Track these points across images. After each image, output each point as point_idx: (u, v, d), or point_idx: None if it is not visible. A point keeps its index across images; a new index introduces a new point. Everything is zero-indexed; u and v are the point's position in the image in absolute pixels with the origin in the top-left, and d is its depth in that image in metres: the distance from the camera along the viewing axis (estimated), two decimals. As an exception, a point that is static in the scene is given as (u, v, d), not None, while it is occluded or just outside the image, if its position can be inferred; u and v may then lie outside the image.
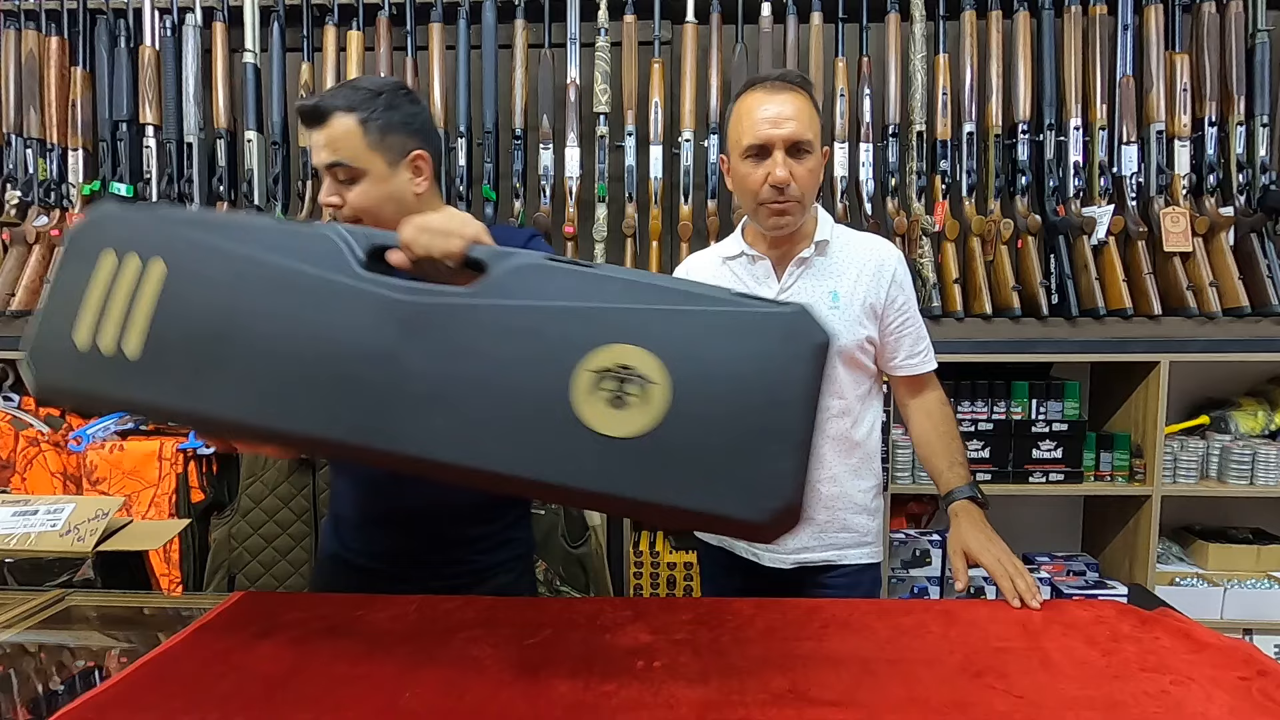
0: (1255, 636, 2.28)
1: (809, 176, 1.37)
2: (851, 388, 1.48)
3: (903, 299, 1.47)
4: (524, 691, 0.98)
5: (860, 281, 1.44)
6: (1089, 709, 0.94)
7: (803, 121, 1.35)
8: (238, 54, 2.41)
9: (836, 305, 1.43)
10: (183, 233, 1.01)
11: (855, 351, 1.45)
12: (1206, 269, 2.24)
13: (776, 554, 1.51)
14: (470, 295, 0.93)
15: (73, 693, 1.00)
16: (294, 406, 0.95)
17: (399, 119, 1.30)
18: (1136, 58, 2.31)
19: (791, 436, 0.89)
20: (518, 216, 2.34)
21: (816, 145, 1.38)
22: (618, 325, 0.89)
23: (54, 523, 1.39)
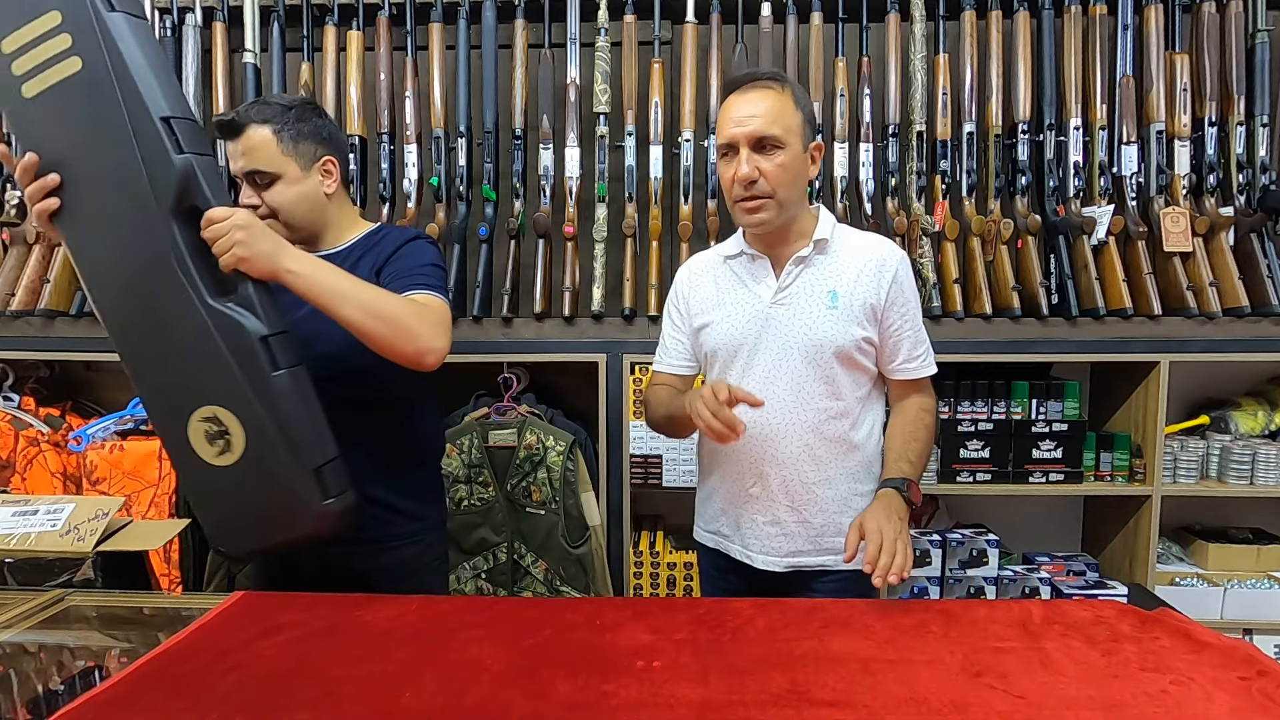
0: (1255, 636, 2.28)
1: (778, 172, 1.36)
2: (850, 389, 1.46)
3: (903, 300, 1.45)
4: (524, 691, 0.98)
5: (860, 281, 1.43)
6: (1089, 709, 0.94)
7: (768, 117, 1.35)
8: (238, 54, 2.41)
9: (835, 305, 1.43)
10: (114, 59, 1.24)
11: (853, 352, 1.44)
12: (1206, 269, 2.24)
13: (770, 556, 1.51)
14: (208, 296, 1.27)
15: (73, 693, 1.00)
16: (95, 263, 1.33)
17: (309, 130, 1.51)
18: (1136, 58, 2.31)
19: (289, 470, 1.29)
20: (518, 216, 2.34)
21: (792, 140, 1.37)
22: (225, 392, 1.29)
23: (54, 523, 1.40)
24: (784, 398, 1.44)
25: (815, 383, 1.43)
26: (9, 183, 2.41)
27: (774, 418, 1.44)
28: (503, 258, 2.34)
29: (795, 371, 1.43)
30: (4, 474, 2.21)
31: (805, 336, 1.43)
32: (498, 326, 2.28)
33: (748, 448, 1.45)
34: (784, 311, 1.44)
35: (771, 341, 1.44)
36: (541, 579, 2.16)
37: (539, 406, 2.27)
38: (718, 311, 1.50)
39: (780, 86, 1.38)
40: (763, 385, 1.44)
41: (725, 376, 1.48)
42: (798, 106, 1.39)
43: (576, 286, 2.28)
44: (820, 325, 1.42)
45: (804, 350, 1.43)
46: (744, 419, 1.36)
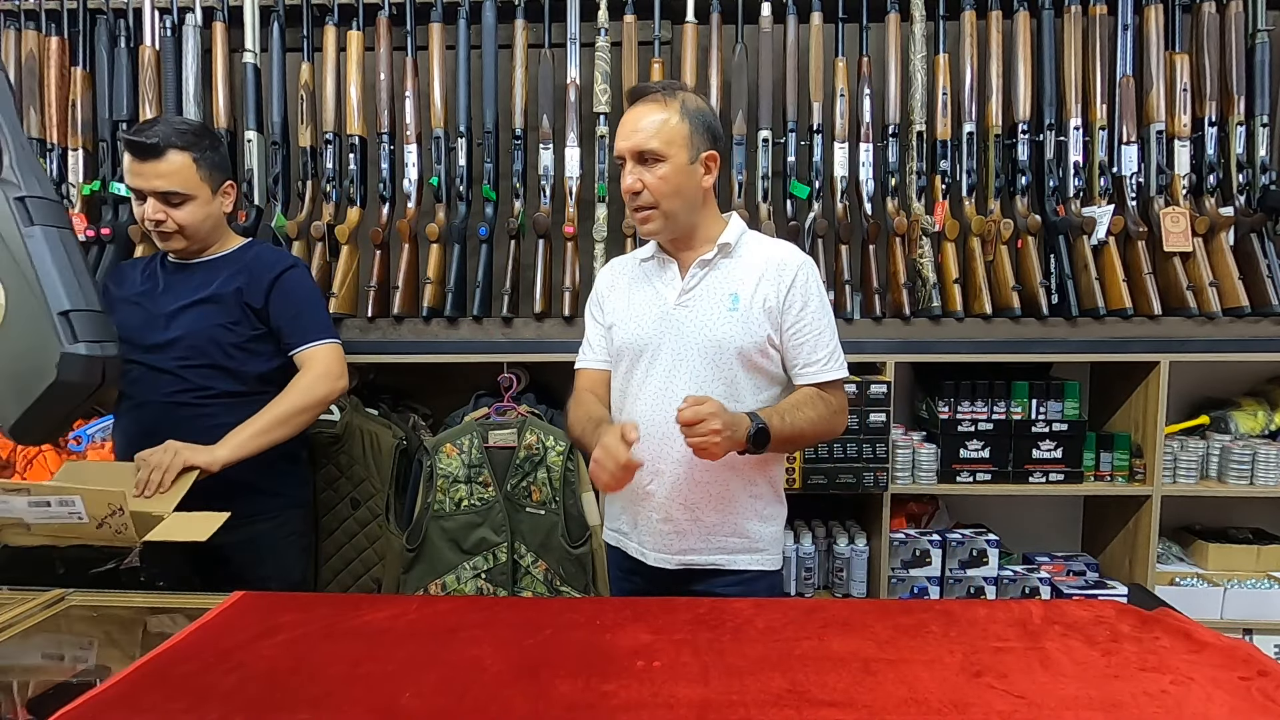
0: (1255, 636, 2.28)
1: (659, 183, 1.41)
2: (751, 391, 1.48)
3: (801, 303, 1.47)
4: (524, 691, 0.98)
5: (761, 284, 1.46)
6: (1089, 709, 0.94)
7: (648, 131, 1.40)
8: (238, 54, 2.40)
9: (735, 308, 1.46)
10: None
11: (754, 354, 1.46)
12: (1206, 269, 2.24)
13: (661, 554, 1.52)
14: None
15: (73, 693, 1.00)
16: None
17: (218, 158, 1.74)
18: (1136, 58, 2.31)
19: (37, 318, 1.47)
20: (517, 216, 2.34)
21: (674, 151, 1.41)
22: None
23: (75, 514, 1.42)
24: (678, 394, 1.42)
25: (715, 384, 1.45)
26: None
27: (672, 417, 1.39)
28: (503, 258, 2.34)
29: (695, 372, 1.46)
30: (4, 473, 2.21)
31: (706, 337, 1.46)
32: (498, 326, 2.27)
33: (647, 446, 1.44)
34: (686, 313, 1.48)
35: (673, 342, 1.47)
36: (541, 579, 2.16)
37: (539, 406, 2.27)
38: (626, 312, 1.55)
39: (666, 99, 1.42)
40: (663, 384, 1.48)
41: (630, 375, 1.53)
42: (684, 118, 1.42)
43: (576, 286, 2.28)
44: (721, 327, 1.45)
45: (704, 351, 1.46)
46: (643, 417, 1.45)
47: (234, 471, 1.60)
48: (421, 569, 2.16)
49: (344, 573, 2.24)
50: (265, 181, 2.38)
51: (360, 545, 2.24)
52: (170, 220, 1.68)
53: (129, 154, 1.66)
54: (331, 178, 2.35)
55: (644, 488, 1.50)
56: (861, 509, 2.45)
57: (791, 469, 2.23)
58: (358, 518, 2.23)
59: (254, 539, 1.70)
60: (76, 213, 2.38)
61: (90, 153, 2.42)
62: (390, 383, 2.54)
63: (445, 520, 2.15)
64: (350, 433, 2.20)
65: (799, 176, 2.33)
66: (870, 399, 2.22)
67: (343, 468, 2.21)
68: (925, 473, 2.31)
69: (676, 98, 1.43)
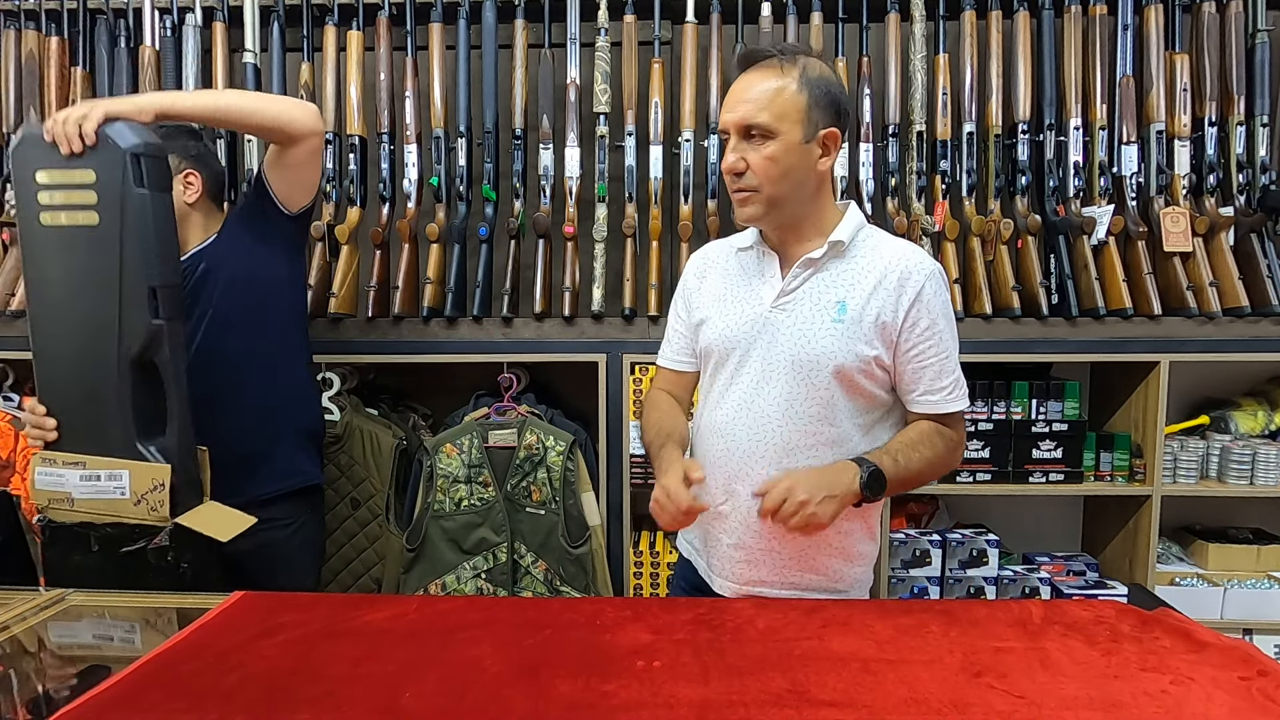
0: (1255, 636, 2.28)
1: (766, 164, 1.23)
2: (849, 415, 1.31)
3: (927, 322, 1.28)
4: (524, 691, 0.98)
5: (877, 294, 1.28)
6: (1089, 709, 0.94)
7: (758, 103, 1.22)
8: (238, 54, 2.40)
9: (841, 319, 1.27)
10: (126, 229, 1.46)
11: (855, 374, 1.28)
12: (1206, 269, 2.24)
13: (727, 581, 1.40)
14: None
15: (73, 693, 1.00)
16: None
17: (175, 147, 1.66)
18: (1136, 58, 2.30)
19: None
20: (518, 216, 2.34)
21: (786, 127, 1.22)
22: None
23: (120, 489, 1.49)
24: (769, 413, 1.30)
25: (806, 402, 1.29)
26: (8, 182, 2.41)
27: (754, 433, 1.31)
28: (503, 258, 2.34)
29: (785, 386, 1.29)
30: (4, 474, 2.21)
31: (801, 349, 1.28)
32: (498, 326, 2.27)
33: (724, 461, 1.34)
34: (783, 318, 1.31)
35: (764, 350, 1.31)
36: (541, 579, 2.16)
37: (539, 406, 2.27)
38: (717, 308, 1.38)
39: (783, 65, 1.23)
40: (748, 395, 1.32)
41: (715, 379, 1.38)
42: (802, 87, 1.22)
43: (576, 286, 2.28)
44: (820, 339, 1.28)
45: (797, 364, 1.29)
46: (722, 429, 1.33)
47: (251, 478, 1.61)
48: (421, 569, 2.16)
49: (344, 573, 2.25)
50: (265, 181, 2.38)
51: (360, 545, 2.24)
52: None
53: None
54: (331, 178, 2.35)
55: (717, 507, 1.35)
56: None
57: (791, 469, 2.22)
58: (358, 518, 2.23)
59: (267, 546, 1.69)
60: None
61: (90, 153, 2.42)
62: (390, 383, 2.54)
63: (445, 520, 2.15)
64: (350, 433, 2.20)
65: (799, 176, 2.33)
66: (870, 399, 2.21)
67: (343, 468, 2.21)
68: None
69: (796, 64, 1.23)
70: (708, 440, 1.38)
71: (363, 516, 2.23)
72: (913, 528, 2.42)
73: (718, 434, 1.35)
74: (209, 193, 1.75)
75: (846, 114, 1.29)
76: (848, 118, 1.30)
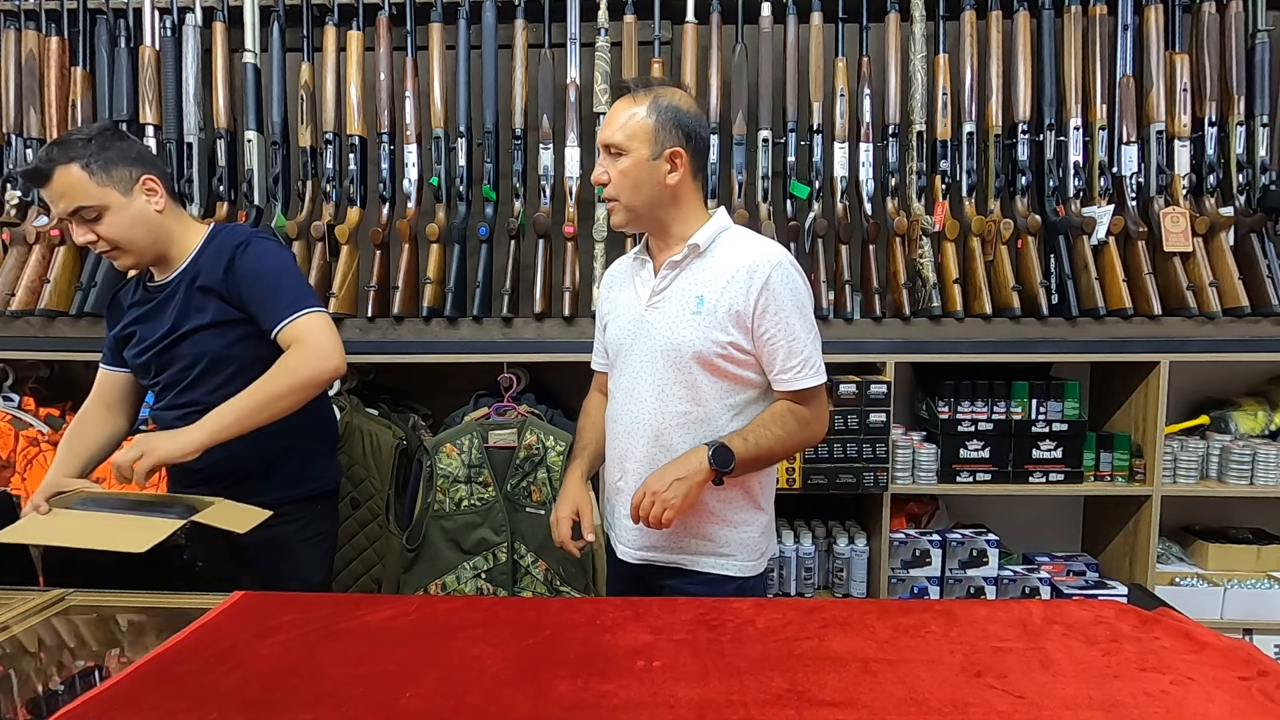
0: (1255, 636, 2.28)
1: (620, 177, 1.44)
2: (715, 395, 1.45)
3: (775, 308, 1.41)
4: (524, 691, 0.98)
5: (729, 287, 1.42)
6: (1089, 709, 0.94)
7: (614, 125, 1.43)
8: (238, 54, 2.40)
9: (699, 311, 1.43)
10: None
11: (715, 359, 1.42)
12: (1206, 269, 2.24)
13: (626, 548, 1.56)
14: None
15: (73, 693, 1.00)
16: None
17: (116, 155, 1.54)
18: (1136, 58, 2.30)
19: None
20: (518, 216, 2.34)
21: (635, 146, 1.42)
22: None
23: None
24: (644, 398, 1.47)
25: (676, 386, 1.45)
26: (9, 182, 2.41)
27: (634, 417, 1.49)
28: (503, 258, 2.34)
29: (659, 374, 1.46)
30: (4, 474, 2.21)
31: (667, 340, 1.44)
32: (498, 326, 2.27)
33: (616, 443, 1.53)
34: (655, 315, 1.47)
35: (643, 344, 1.48)
36: (541, 579, 2.16)
37: (539, 406, 2.27)
38: (614, 311, 1.58)
39: (636, 94, 1.43)
40: (631, 384, 1.50)
41: (613, 374, 1.56)
42: (651, 113, 1.42)
43: (576, 286, 2.28)
44: (682, 330, 1.43)
45: (665, 354, 1.45)
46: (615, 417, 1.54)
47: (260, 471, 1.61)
48: (421, 569, 2.16)
49: (344, 573, 2.24)
50: (265, 181, 2.38)
51: (360, 545, 2.24)
52: (100, 239, 1.54)
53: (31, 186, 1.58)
54: (331, 178, 2.35)
55: (614, 482, 1.55)
56: (861, 509, 2.45)
57: (792, 469, 2.23)
58: (358, 518, 2.23)
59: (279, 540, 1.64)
60: (76, 213, 2.38)
61: (90, 153, 2.42)
62: (390, 383, 2.54)
63: (445, 520, 2.15)
64: (350, 433, 2.20)
65: (799, 176, 2.33)
66: (870, 399, 2.22)
67: (343, 468, 2.21)
68: (925, 473, 2.31)
69: (650, 93, 1.43)
70: (609, 426, 1.58)
71: (363, 516, 2.23)
72: (913, 528, 2.42)
73: (612, 420, 1.55)
74: (169, 191, 1.62)
75: (695, 136, 1.46)
76: (697, 139, 1.46)
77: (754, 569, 1.53)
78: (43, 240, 2.36)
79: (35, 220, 2.37)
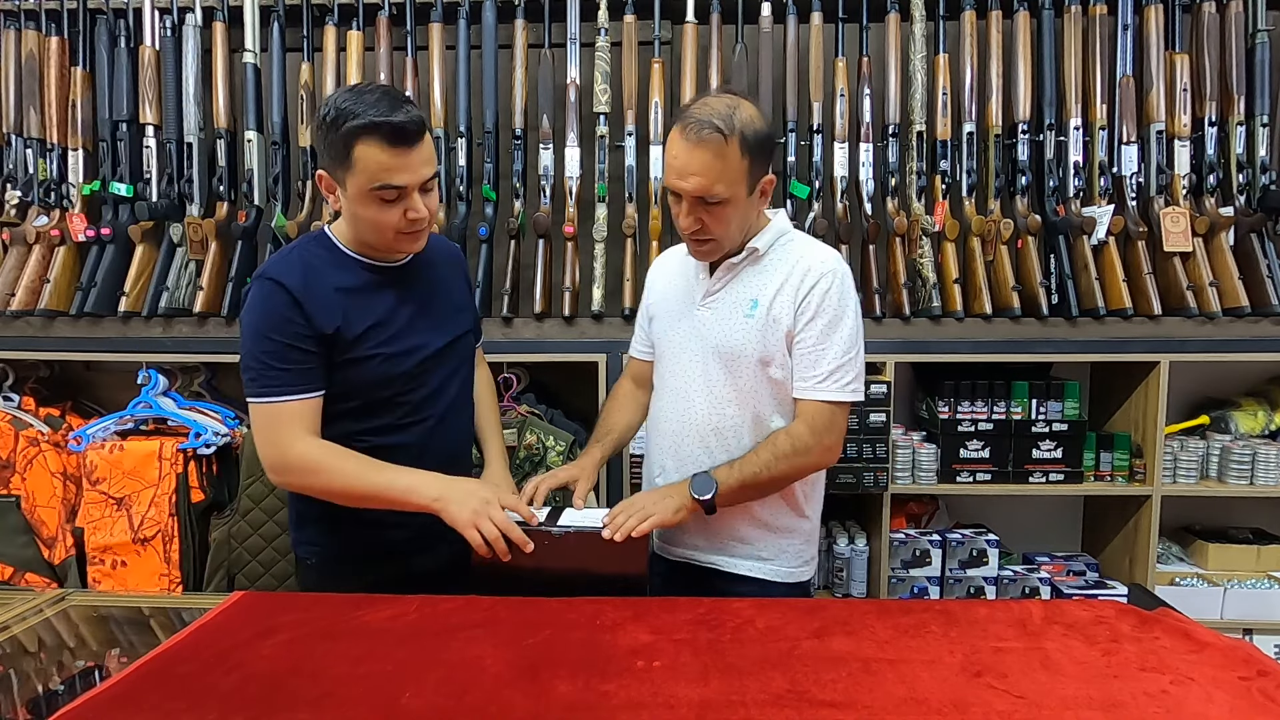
0: (1255, 636, 2.28)
1: (720, 223, 1.37)
2: (765, 399, 1.45)
3: (810, 315, 1.40)
4: (524, 691, 0.98)
5: (782, 292, 1.42)
6: (1089, 709, 0.94)
7: (709, 177, 1.32)
8: (238, 54, 2.40)
9: (752, 314, 1.43)
10: None
11: (766, 363, 1.43)
12: (1206, 269, 2.24)
13: (666, 544, 1.57)
14: None
15: (73, 693, 1.00)
16: None
17: None
18: (1136, 58, 2.30)
19: None
20: (518, 216, 2.34)
21: (735, 192, 1.34)
22: None
23: None
24: (694, 398, 1.47)
25: (725, 388, 1.45)
26: (9, 182, 2.41)
27: (683, 413, 1.49)
28: (503, 258, 2.34)
29: (709, 375, 1.46)
30: (4, 474, 2.21)
31: (720, 341, 1.44)
32: (498, 326, 2.27)
33: (659, 441, 1.54)
34: (708, 315, 1.47)
35: (695, 343, 1.48)
36: (541, 579, 2.16)
37: (539, 406, 2.27)
38: (663, 306, 1.56)
39: (726, 138, 1.31)
40: (682, 384, 1.49)
41: (659, 370, 1.56)
42: (744, 154, 1.32)
43: (576, 286, 2.28)
44: (735, 332, 1.44)
45: (718, 355, 1.45)
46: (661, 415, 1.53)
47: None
48: (421, 569, 2.16)
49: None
50: (265, 181, 2.38)
51: (360, 545, 2.24)
52: (431, 214, 1.37)
53: (382, 144, 1.28)
54: (331, 178, 2.35)
55: (654, 479, 1.56)
56: (861, 509, 2.45)
57: (791, 469, 2.23)
58: (358, 518, 2.22)
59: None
60: (76, 213, 2.38)
61: (90, 153, 2.42)
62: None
63: (445, 520, 2.15)
64: (350, 433, 2.20)
65: (799, 176, 2.33)
66: (870, 399, 2.21)
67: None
68: (925, 473, 2.31)
69: (735, 133, 1.31)
70: (655, 423, 1.58)
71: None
72: (913, 528, 2.42)
73: (659, 417, 1.55)
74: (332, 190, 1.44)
75: (775, 146, 1.44)
76: (776, 149, 1.44)
77: (798, 575, 1.52)
78: (43, 240, 2.36)
79: (35, 220, 2.37)
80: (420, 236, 1.40)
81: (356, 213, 1.35)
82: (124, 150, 2.38)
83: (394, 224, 1.34)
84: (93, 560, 2.16)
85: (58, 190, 2.40)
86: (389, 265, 1.44)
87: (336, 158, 1.31)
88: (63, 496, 2.21)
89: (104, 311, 2.33)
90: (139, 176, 2.40)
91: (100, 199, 2.41)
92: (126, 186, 2.38)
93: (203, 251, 2.32)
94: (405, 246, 1.41)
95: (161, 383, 2.25)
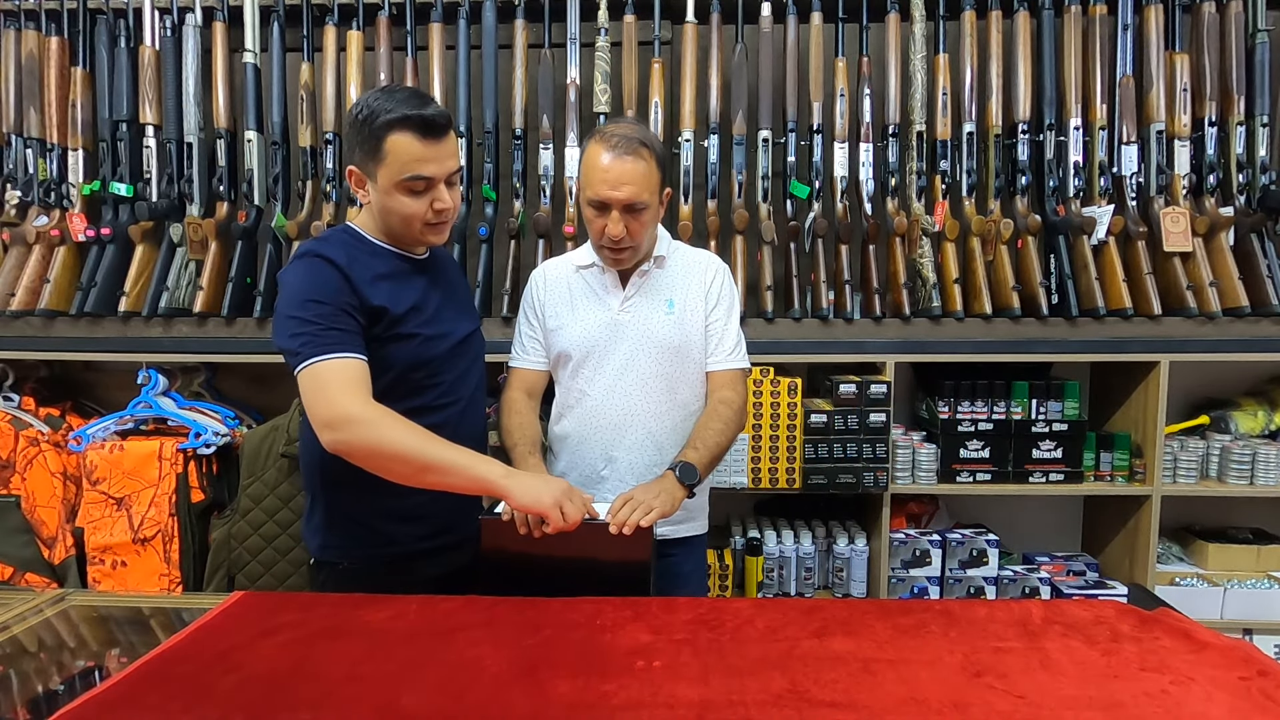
0: (1255, 636, 2.28)
1: (642, 229, 1.56)
2: (690, 385, 1.67)
3: (716, 300, 1.67)
4: (524, 691, 0.98)
5: (691, 290, 1.66)
6: (1089, 709, 0.94)
7: (639, 185, 1.52)
8: (238, 54, 2.40)
9: (671, 311, 1.64)
10: None
11: (689, 351, 1.65)
12: (1206, 269, 2.24)
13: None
14: None
15: (73, 693, 1.00)
16: None
17: None
18: (1136, 58, 2.30)
19: None
20: (518, 216, 2.34)
21: (655, 198, 1.56)
22: None
23: None
24: (631, 392, 1.63)
25: (657, 379, 1.64)
26: (9, 182, 2.41)
27: (624, 410, 1.63)
28: (503, 258, 2.34)
29: (642, 369, 1.63)
30: (4, 474, 2.21)
31: (649, 338, 1.63)
32: (498, 326, 2.27)
33: (599, 436, 1.65)
34: (630, 318, 1.64)
35: (622, 344, 1.63)
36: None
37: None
38: (570, 316, 1.67)
39: (649, 153, 1.53)
40: (614, 381, 1.64)
41: (578, 375, 1.66)
42: (658, 166, 1.56)
43: (576, 286, 2.28)
44: (659, 328, 1.63)
45: (649, 350, 1.63)
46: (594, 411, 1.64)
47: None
48: (421, 569, 2.16)
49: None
50: (265, 181, 2.38)
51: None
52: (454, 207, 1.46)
53: (414, 136, 1.36)
54: (331, 178, 2.35)
55: (598, 472, 1.66)
56: (861, 509, 2.45)
57: (792, 469, 2.23)
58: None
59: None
60: (76, 213, 2.38)
61: (90, 153, 2.42)
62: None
63: (445, 520, 2.15)
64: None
65: (799, 176, 2.33)
66: (870, 399, 2.22)
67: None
68: (925, 473, 2.31)
69: (652, 146, 1.55)
70: (582, 422, 1.67)
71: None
72: (913, 528, 2.42)
73: (591, 415, 1.65)
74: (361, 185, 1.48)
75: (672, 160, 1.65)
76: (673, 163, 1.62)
77: (706, 525, 1.77)
78: (43, 240, 2.36)
79: (35, 220, 2.37)
80: (444, 229, 1.48)
81: (386, 204, 1.42)
82: (124, 150, 2.38)
83: (421, 215, 1.42)
84: (93, 560, 2.16)
85: (58, 190, 2.40)
86: (415, 257, 1.52)
87: (369, 152, 1.39)
88: (63, 496, 2.22)
89: (104, 311, 2.33)
90: (139, 176, 2.40)
91: (100, 199, 2.41)
92: (126, 186, 2.38)
93: (203, 251, 2.32)
94: (430, 238, 1.48)
95: (161, 383, 2.26)
